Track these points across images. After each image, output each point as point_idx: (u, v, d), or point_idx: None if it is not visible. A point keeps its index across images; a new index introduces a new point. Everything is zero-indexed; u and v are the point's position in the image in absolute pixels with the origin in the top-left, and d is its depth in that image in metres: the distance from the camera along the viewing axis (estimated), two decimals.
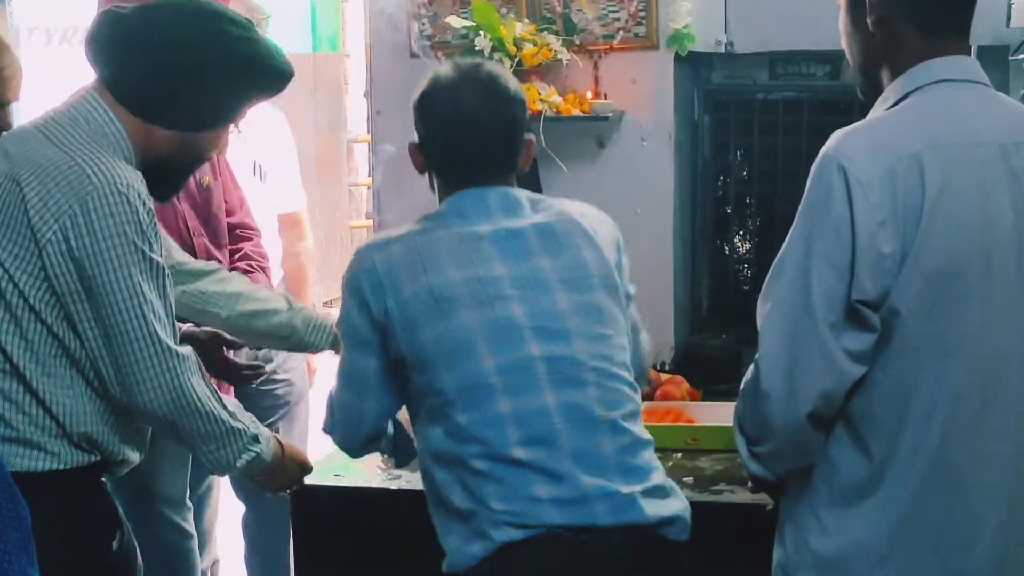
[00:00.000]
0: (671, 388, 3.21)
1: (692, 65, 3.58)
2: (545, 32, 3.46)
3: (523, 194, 2.14)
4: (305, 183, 7.50)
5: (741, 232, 3.76)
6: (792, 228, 1.85)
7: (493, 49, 3.38)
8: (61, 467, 2.04)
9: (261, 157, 3.71)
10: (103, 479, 2.15)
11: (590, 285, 2.07)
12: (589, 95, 3.49)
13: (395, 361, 2.04)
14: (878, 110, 1.92)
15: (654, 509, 1.99)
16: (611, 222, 2.27)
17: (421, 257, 2.02)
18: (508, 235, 2.05)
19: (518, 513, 1.92)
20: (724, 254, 3.77)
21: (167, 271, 2.10)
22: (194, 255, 2.79)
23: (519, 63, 3.40)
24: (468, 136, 2.08)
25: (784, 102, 3.62)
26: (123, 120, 2.10)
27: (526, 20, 3.48)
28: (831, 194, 1.79)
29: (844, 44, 2.00)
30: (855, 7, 1.94)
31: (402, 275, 2.01)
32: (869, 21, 1.91)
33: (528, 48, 3.41)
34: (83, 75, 2.22)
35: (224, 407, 2.15)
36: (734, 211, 3.74)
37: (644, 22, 3.47)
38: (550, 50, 3.43)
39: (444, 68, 2.14)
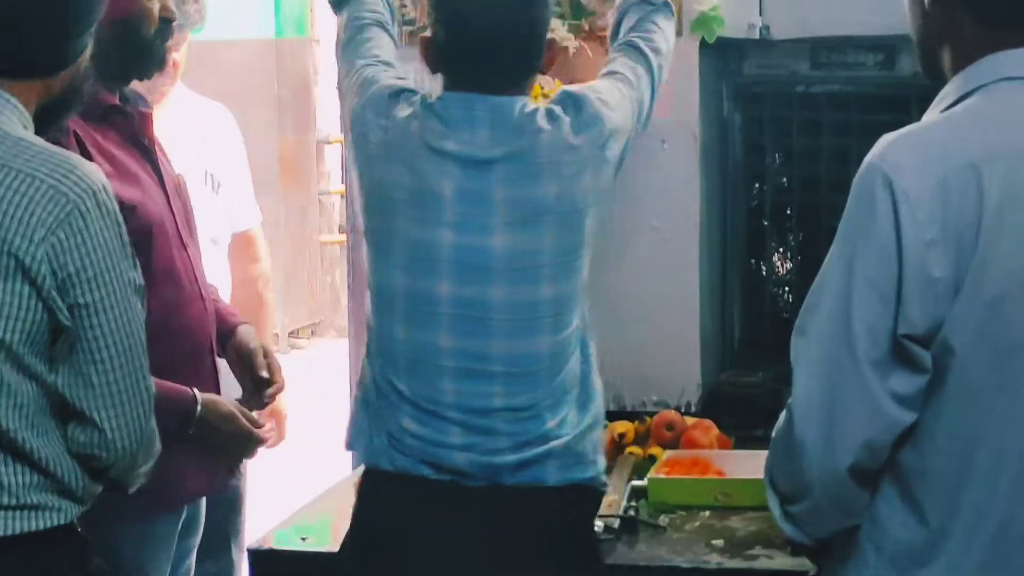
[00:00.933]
0: (698, 434, 3.23)
1: (720, 54, 3.59)
2: (551, 16, 3.47)
3: (526, 107, 2.32)
4: (268, 191, 7.56)
5: (780, 250, 3.77)
6: (831, 249, 1.87)
7: None
8: (65, 521, 2.15)
9: (212, 164, 3.72)
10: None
11: (538, 275, 2.30)
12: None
13: None
14: (934, 111, 1.94)
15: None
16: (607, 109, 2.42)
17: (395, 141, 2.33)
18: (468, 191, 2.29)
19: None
20: (760, 276, 3.77)
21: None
22: (192, 277, 2.81)
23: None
24: (481, 27, 2.30)
25: (829, 97, 3.63)
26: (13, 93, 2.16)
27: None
28: (875, 209, 1.80)
29: (908, 20, 2.03)
30: None
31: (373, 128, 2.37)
32: (926, 5, 1.95)
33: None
34: None
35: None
36: (771, 224, 3.74)
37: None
38: (554, 37, 3.44)
39: None
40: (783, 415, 1.92)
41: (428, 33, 2.40)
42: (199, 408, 2.63)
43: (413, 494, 2.36)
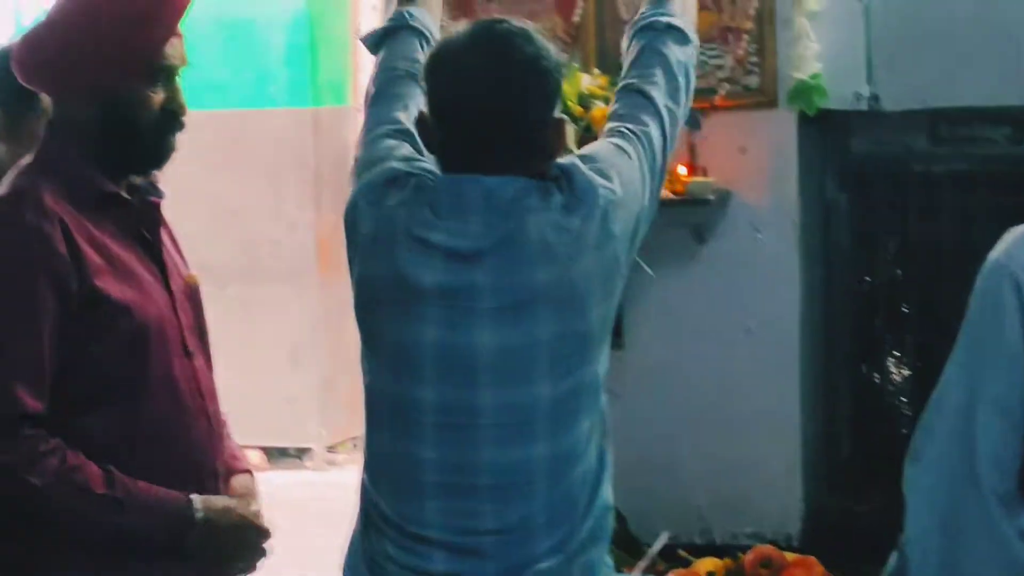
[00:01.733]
0: (799, 574, 3.19)
1: (823, 128, 3.60)
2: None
3: (522, 187, 2.27)
4: (303, 282, 7.61)
5: (895, 354, 3.76)
6: (950, 360, 1.85)
7: None
8: None
9: None
10: None
11: (532, 373, 2.27)
12: (683, 170, 3.51)
13: None
14: None
15: None
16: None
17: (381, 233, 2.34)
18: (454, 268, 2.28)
19: None
20: (872, 384, 3.75)
21: None
22: (195, 390, 2.83)
23: (587, 128, 3.42)
24: (468, 111, 2.27)
25: (951, 176, 3.62)
26: None
27: (595, 70, 3.54)
28: (1002, 316, 1.78)
29: None
30: None
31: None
32: None
33: (599, 107, 3.44)
34: None
35: None
36: (885, 324, 3.73)
37: (757, 70, 3.52)
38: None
39: (457, 26, 2.30)
40: (894, 556, 1.89)
41: (425, 110, 2.44)
42: (198, 513, 2.62)
43: None
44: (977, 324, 1.84)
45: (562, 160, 2.38)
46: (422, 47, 2.65)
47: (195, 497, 2.60)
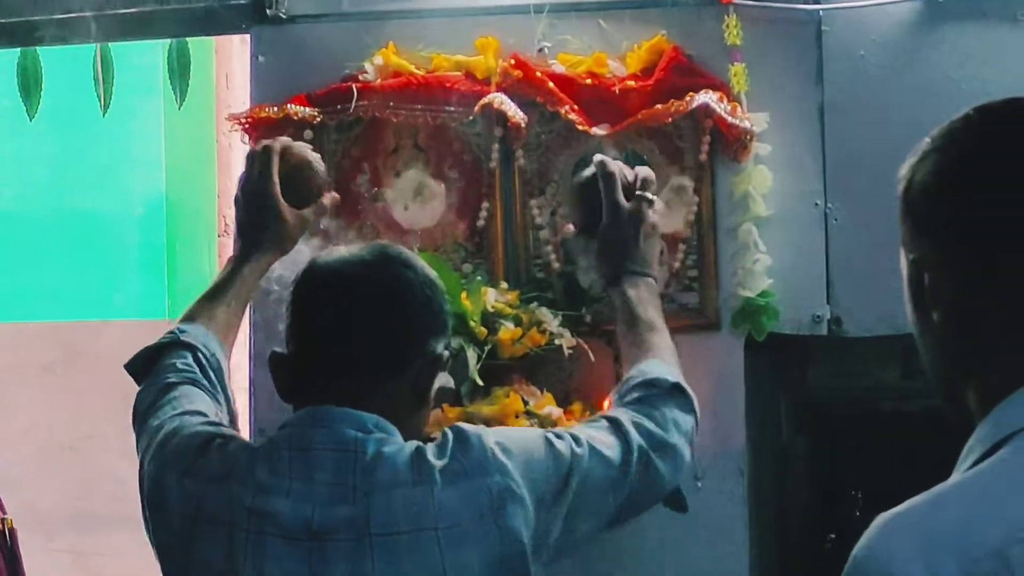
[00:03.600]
0: None
1: (776, 356, 3.62)
2: (535, 303, 3.50)
3: (385, 443, 2.40)
4: None
5: None
6: None
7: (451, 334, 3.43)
8: None
9: None
10: None
11: None
12: (607, 406, 3.49)
13: None
14: (959, 471, 1.92)
15: None
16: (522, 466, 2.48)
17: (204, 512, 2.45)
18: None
19: None
20: None
21: None
22: None
23: (492, 352, 3.42)
24: (313, 344, 2.52)
25: (929, 416, 3.58)
26: None
27: (504, 283, 3.56)
28: None
29: (919, 349, 2.03)
30: (916, 293, 1.97)
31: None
32: (935, 318, 1.94)
33: (506, 328, 3.45)
34: None
35: None
36: None
37: (696, 287, 3.54)
38: (543, 332, 3.46)
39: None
40: None
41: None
42: None
43: None
44: None
45: (467, 425, 2.42)
46: (197, 360, 2.73)
47: None
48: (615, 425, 2.66)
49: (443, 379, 2.62)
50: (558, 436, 2.57)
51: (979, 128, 1.92)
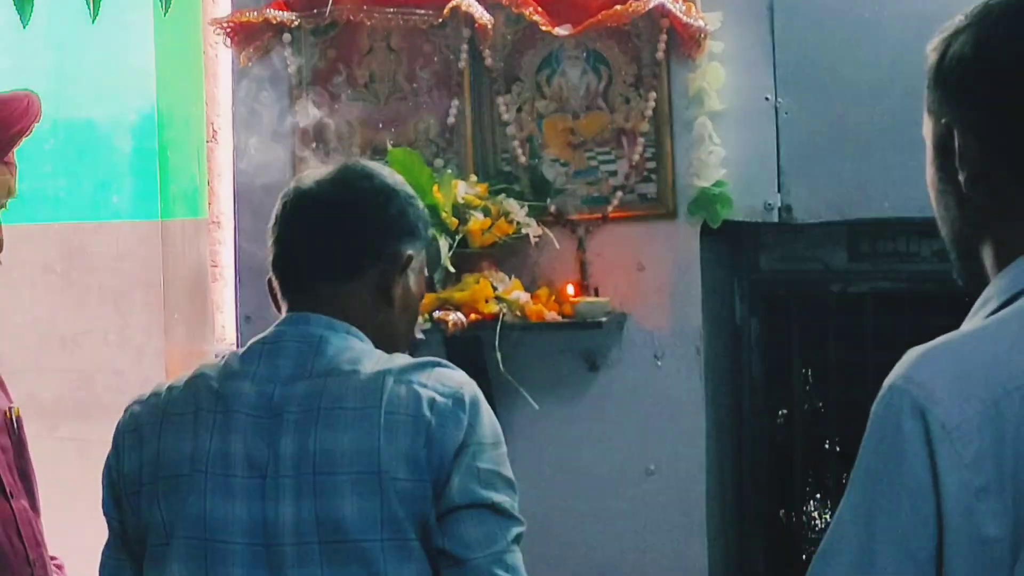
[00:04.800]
0: None
1: (730, 242, 3.63)
2: (503, 195, 3.51)
3: (338, 335, 2.43)
4: None
5: (818, 495, 3.79)
6: (843, 502, 1.81)
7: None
8: None
9: None
10: None
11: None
12: (571, 290, 3.51)
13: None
14: (976, 317, 1.93)
15: None
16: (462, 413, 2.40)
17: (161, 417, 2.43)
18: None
19: None
20: (791, 531, 3.77)
21: None
22: (14, 535, 2.78)
23: (462, 242, 3.44)
24: (282, 257, 2.51)
25: (875, 297, 3.65)
26: None
27: (473, 176, 3.55)
28: (903, 448, 1.75)
29: (934, 209, 2.03)
30: (943, 155, 1.97)
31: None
32: (961, 178, 1.94)
33: (476, 218, 3.46)
34: None
35: None
36: (804, 463, 3.75)
37: (654, 178, 3.54)
38: (510, 222, 3.47)
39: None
40: None
41: None
42: None
43: None
44: (874, 457, 1.81)
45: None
46: None
47: None
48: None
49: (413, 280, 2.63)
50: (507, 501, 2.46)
51: (1016, 7, 1.93)
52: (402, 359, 2.44)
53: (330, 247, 2.49)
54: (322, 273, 2.48)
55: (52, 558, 2.92)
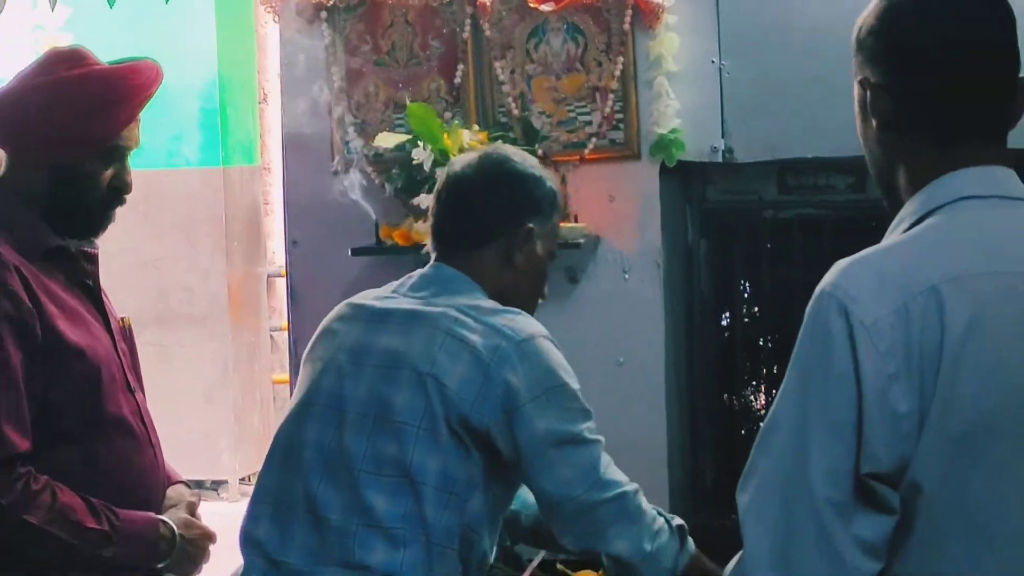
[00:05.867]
0: None
1: (683, 178, 3.62)
2: (499, 141, 3.49)
3: (442, 278, 2.49)
4: (216, 329, 7.51)
5: (754, 384, 3.78)
6: (782, 386, 1.81)
7: (435, 163, 3.42)
8: None
9: None
10: None
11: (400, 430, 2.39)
12: None
13: None
14: (893, 234, 1.93)
15: None
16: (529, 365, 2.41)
17: None
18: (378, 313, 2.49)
19: None
20: (733, 411, 3.76)
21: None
22: (140, 422, 2.78)
23: None
24: (437, 213, 2.57)
25: (800, 222, 3.65)
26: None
27: (475, 126, 3.55)
28: (831, 341, 1.76)
29: (864, 151, 2.04)
30: (864, 109, 1.97)
31: None
32: (876, 126, 1.95)
33: None
34: None
35: None
36: (743, 356, 3.75)
37: (622, 126, 3.53)
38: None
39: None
40: (734, 567, 1.87)
41: None
42: (171, 533, 2.65)
43: None
44: (807, 349, 1.82)
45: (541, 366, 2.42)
46: None
47: (165, 519, 2.68)
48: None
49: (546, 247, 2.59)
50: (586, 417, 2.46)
51: None
52: (491, 303, 2.47)
53: (465, 223, 2.52)
54: (458, 240, 2.53)
55: None
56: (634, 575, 2.46)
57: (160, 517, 2.69)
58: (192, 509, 2.82)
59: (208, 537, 2.80)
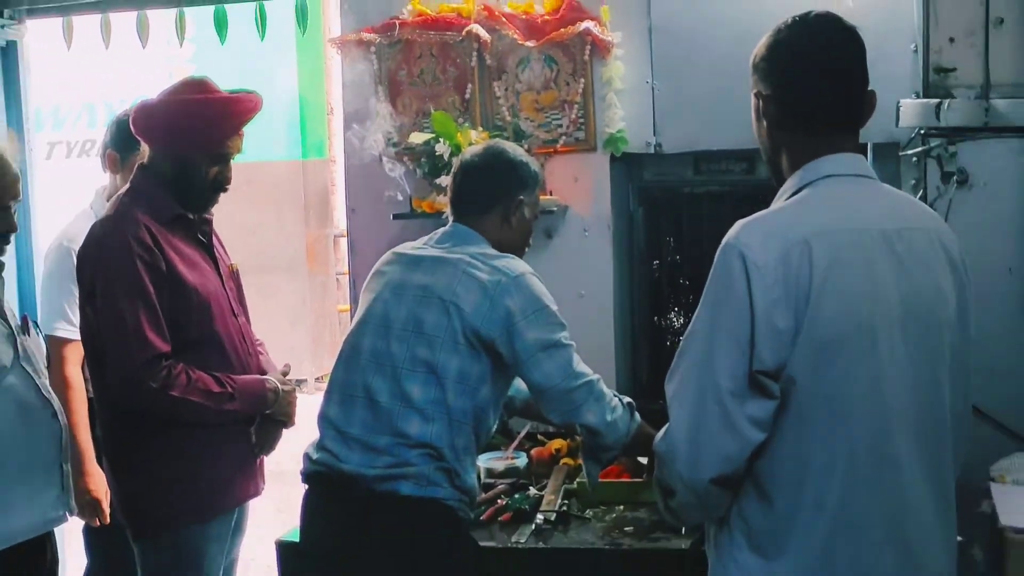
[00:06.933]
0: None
1: (626, 164, 3.60)
2: (497, 139, 3.48)
3: (459, 236, 2.46)
4: (298, 274, 7.50)
5: (675, 309, 3.76)
6: (698, 308, 1.84)
7: (451, 154, 3.41)
8: None
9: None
10: None
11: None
12: None
13: None
14: (778, 202, 1.93)
15: None
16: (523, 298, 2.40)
17: None
18: (413, 258, 2.47)
19: None
20: (660, 328, 3.76)
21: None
22: (240, 336, 2.78)
23: None
24: (453, 189, 2.56)
25: (708, 195, 3.63)
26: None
27: (480, 128, 3.52)
28: (732, 277, 1.78)
29: (758, 144, 2.02)
30: (758, 113, 1.97)
31: None
32: (766, 126, 1.94)
33: None
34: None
35: None
36: (668, 291, 3.74)
37: (583, 128, 3.51)
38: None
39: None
40: (662, 435, 1.88)
41: None
42: (275, 388, 2.72)
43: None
44: (715, 283, 1.84)
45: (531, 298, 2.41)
46: None
47: (268, 378, 2.73)
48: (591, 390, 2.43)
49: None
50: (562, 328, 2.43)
51: (788, 29, 1.91)
52: (493, 251, 2.47)
53: (474, 195, 2.51)
54: (469, 208, 2.51)
55: (257, 340, 2.93)
56: (600, 438, 2.47)
57: (264, 377, 2.71)
58: (285, 374, 2.84)
59: (294, 394, 2.82)
